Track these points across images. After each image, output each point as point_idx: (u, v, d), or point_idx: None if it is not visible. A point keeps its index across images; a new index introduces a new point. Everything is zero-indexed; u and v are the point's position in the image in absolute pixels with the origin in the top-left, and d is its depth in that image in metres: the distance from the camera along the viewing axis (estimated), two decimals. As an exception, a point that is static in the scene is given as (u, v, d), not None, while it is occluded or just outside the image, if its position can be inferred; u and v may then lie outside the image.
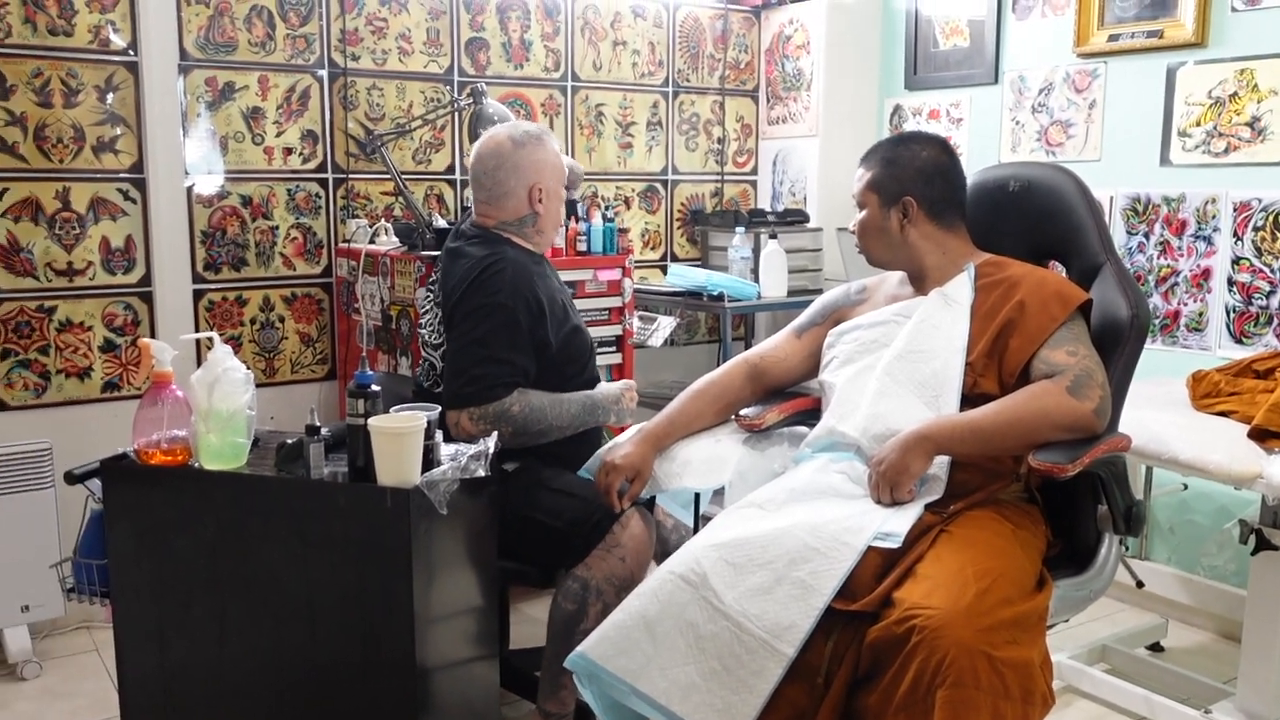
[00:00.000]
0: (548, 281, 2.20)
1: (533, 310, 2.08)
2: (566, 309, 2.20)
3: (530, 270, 2.15)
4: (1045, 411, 1.82)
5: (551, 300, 2.15)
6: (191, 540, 1.82)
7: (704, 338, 4.36)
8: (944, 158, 2.03)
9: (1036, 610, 1.68)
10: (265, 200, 3.41)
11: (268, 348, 3.46)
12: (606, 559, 2.03)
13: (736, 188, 4.38)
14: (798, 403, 2.17)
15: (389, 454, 1.68)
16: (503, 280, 2.13)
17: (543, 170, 2.21)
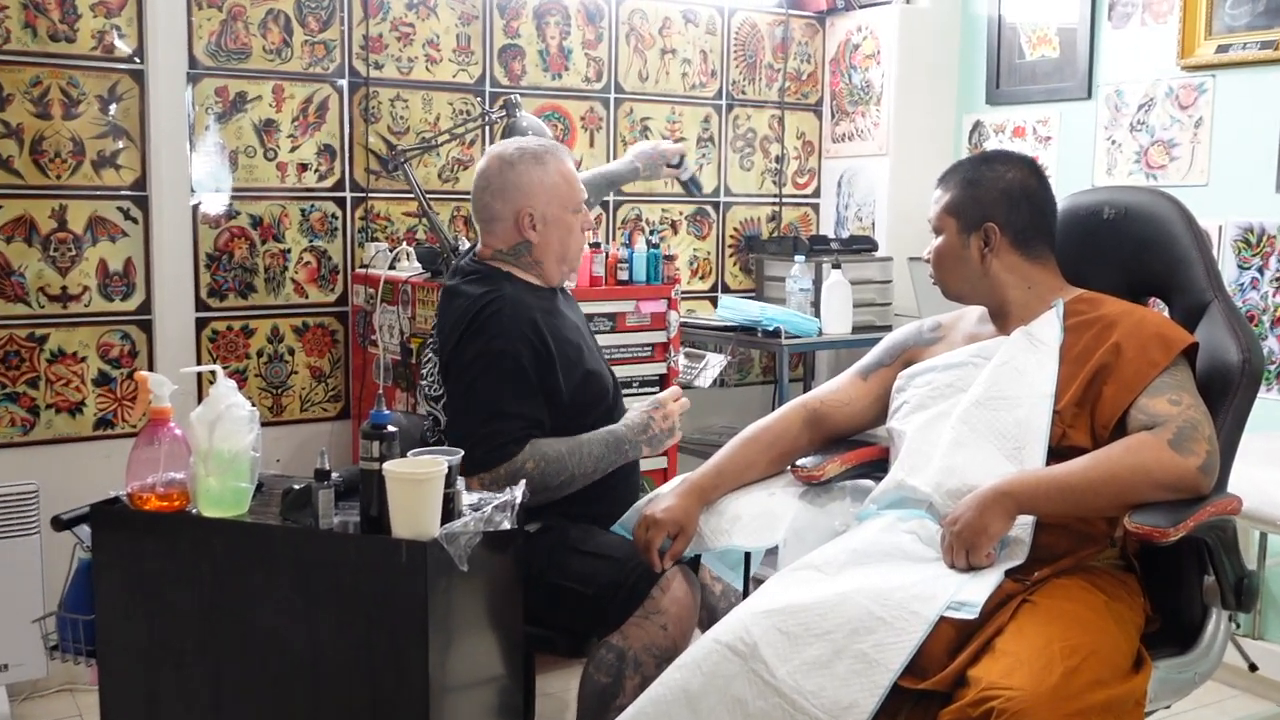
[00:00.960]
0: (556, 320, 2.18)
1: (539, 353, 2.06)
2: (582, 349, 2.19)
3: (532, 308, 2.14)
4: (1144, 467, 1.80)
5: (561, 341, 2.14)
6: (187, 595, 1.83)
7: (757, 378, 4.36)
8: (1032, 180, 2.03)
9: (1133, 694, 1.66)
10: (277, 221, 3.46)
11: (275, 383, 3.50)
12: (645, 626, 2.00)
13: (796, 211, 4.39)
14: (862, 453, 2.16)
15: (405, 503, 1.69)
16: (500, 322, 2.12)
17: (533, 193, 2.20)
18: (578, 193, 2.22)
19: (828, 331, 3.71)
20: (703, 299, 4.20)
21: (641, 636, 2.00)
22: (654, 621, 2.01)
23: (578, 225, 2.23)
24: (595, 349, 2.29)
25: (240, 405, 1.81)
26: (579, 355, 2.17)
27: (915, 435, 2.01)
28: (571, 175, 2.22)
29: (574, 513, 2.16)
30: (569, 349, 2.16)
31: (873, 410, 2.17)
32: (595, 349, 2.29)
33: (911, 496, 1.96)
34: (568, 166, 2.22)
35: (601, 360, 2.27)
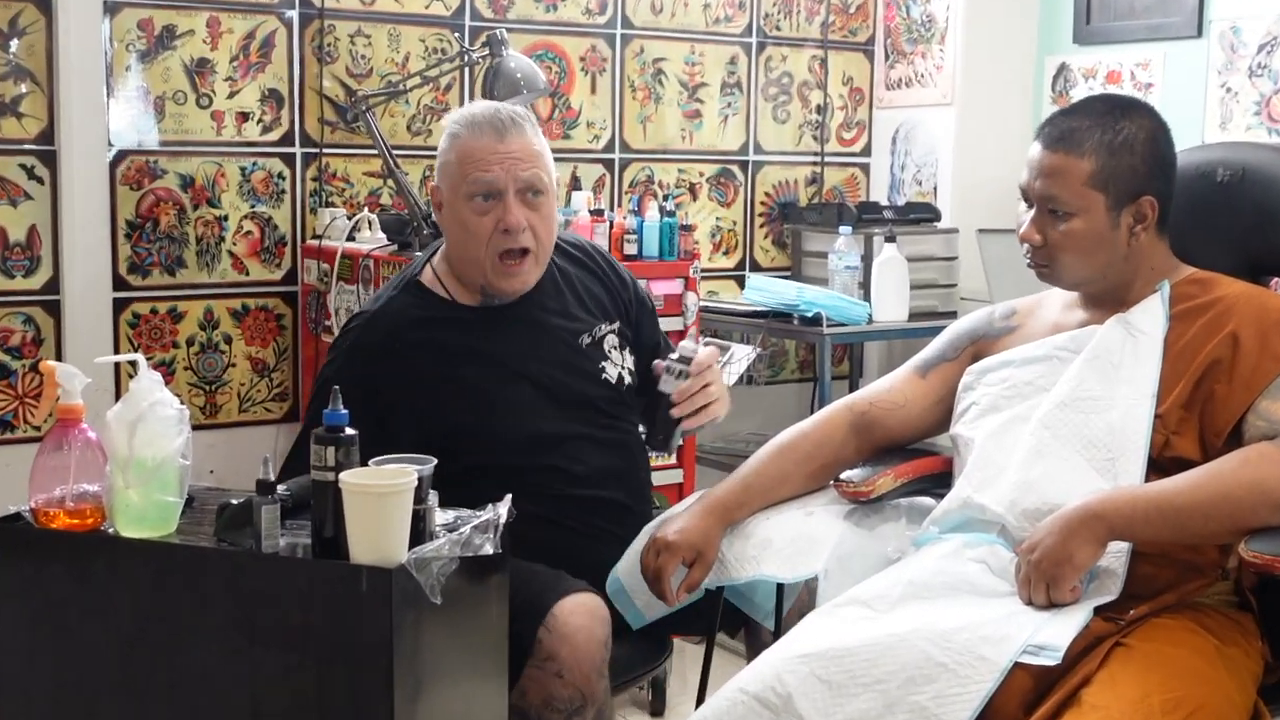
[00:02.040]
0: (430, 353, 2.16)
1: (364, 396, 1.95)
2: (460, 390, 2.17)
3: (389, 332, 2.16)
4: (1263, 485, 1.79)
5: (414, 382, 2.13)
6: (102, 629, 1.82)
7: (793, 375, 4.36)
8: (1166, 134, 2.02)
9: (1248, 758, 1.66)
10: (211, 182, 3.47)
11: (209, 377, 3.51)
12: (539, 678, 1.99)
13: (841, 173, 4.39)
14: (920, 464, 2.16)
15: (367, 521, 1.68)
16: (340, 344, 2.21)
17: (438, 170, 2.25)
18: (472, 173, 2.15)
19: (879, 319, 3.70)
20: (727, 278, 4.20)
21: (539, 691, 2.00)
22: (547, 670, 2.00)
23: (474, 219, 2.16)
24: (510, 390, 2.21)
25: (167, 403, 1.81)
26: (449, 397, 2.14)
27: (986, 443, 2.01)
28: (472, 152, 2.16)
29: (537, 551, 2.15)
30: (427, 392, 2.13)
31: (933, 413, 2.17)
32: (510, 390, 2.21)
33: (980, 517, 1.95)
34: (481, 142, 2.15)
35: (501, 399, 2.19)
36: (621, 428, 2.30)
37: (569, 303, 2.30)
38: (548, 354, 2.24)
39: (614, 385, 2.29)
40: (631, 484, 2.29)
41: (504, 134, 2.17)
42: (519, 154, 2.17)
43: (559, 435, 2.21)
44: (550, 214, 2.22)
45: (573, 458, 2.21)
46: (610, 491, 2.24)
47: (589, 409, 2.25)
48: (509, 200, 2.16)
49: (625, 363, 2.33)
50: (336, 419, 1.75)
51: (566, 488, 2.20)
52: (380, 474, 1.73)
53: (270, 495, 1.77)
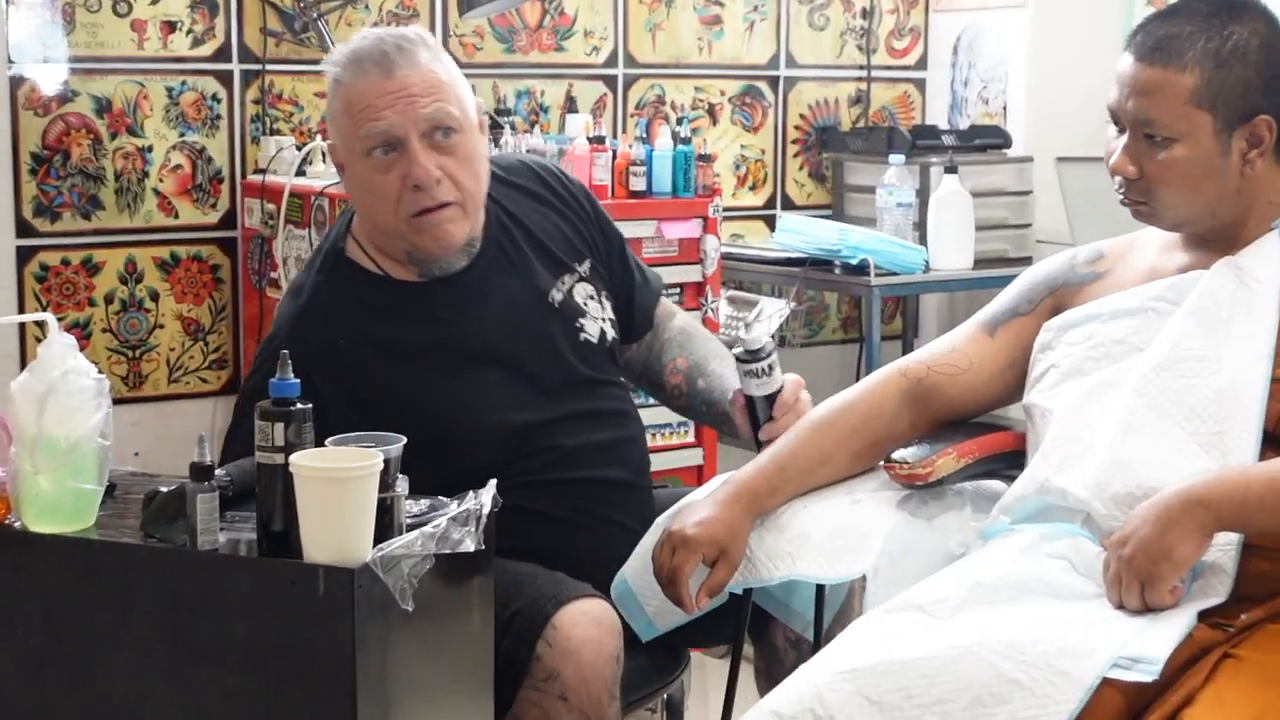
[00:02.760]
0: (376, 348, 2.16)
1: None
2: (417, 388, 2.15)
3: (325, 327, 2.15)
4: (1403, 464, 1.79)
5: (361, 386, 2.13)
6: (6, 644, 1.82)
7: (835, 335, 4.36)
8: None
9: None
10: (132, 106, 3.46)
11: (132, 341, 3.51)
12: (539, 701, 1.99)
13: (892, 91, 4.37)
14: (988, 441, 2.16)
15: (323, 512, 1.68)
16: (266, 348, 2.20)
17: (331, 123, 2.23)
18: (363, 123, 2.12)
19: (938, 266, 3.70)
20: (754, 218, 4.19)
21: (538, 717, 2.01)
22: (548, 692, 2.00)
23: (377, 179, 2.13)
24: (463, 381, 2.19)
25: (82, 372, 1.80)
26: (402, 405, 2.12)
27: (1067, 415, 2.00)
28: (359, 97, 2.12)
29: (530, 549, 2.16)
30: (371, 406, 2.13)
31: (1003, 379, 2.17)
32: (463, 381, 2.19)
33: (1060, 505, 1.94)
34: (366, 83, 2.11)
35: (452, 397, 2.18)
36: (611, 393, 2.31)
37: (525, 253, 2.27)
38: (514, 325, 2.23)
39: (595, 345, 2.29)
40: (630, 457, 2.30)
41: (391, 68, 2.11)
42: (415, 88, 2.11)
43: (540, 422, 2.20)
44: (471, 153, 2.16)
45: (556, 435, 2.22)
46: (605, 469, 2.25)
47: (572, 383, 2.25)
48: (412, 148, 2.11)
49: (605, 313, 2.32)
50: (285, 389, 1.75)
51: (553, 470, 2.20)
52: (339, 455, 1.73)
53: (207, 481, 1.76)
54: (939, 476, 2.11)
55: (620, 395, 2.32)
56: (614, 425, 2.28)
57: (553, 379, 2.23)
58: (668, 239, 3.40)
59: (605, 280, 2.34)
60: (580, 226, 2.33)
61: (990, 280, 3.63)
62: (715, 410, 2.34)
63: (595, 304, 2.30)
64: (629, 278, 2.40)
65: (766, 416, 2.20)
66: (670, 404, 2.45)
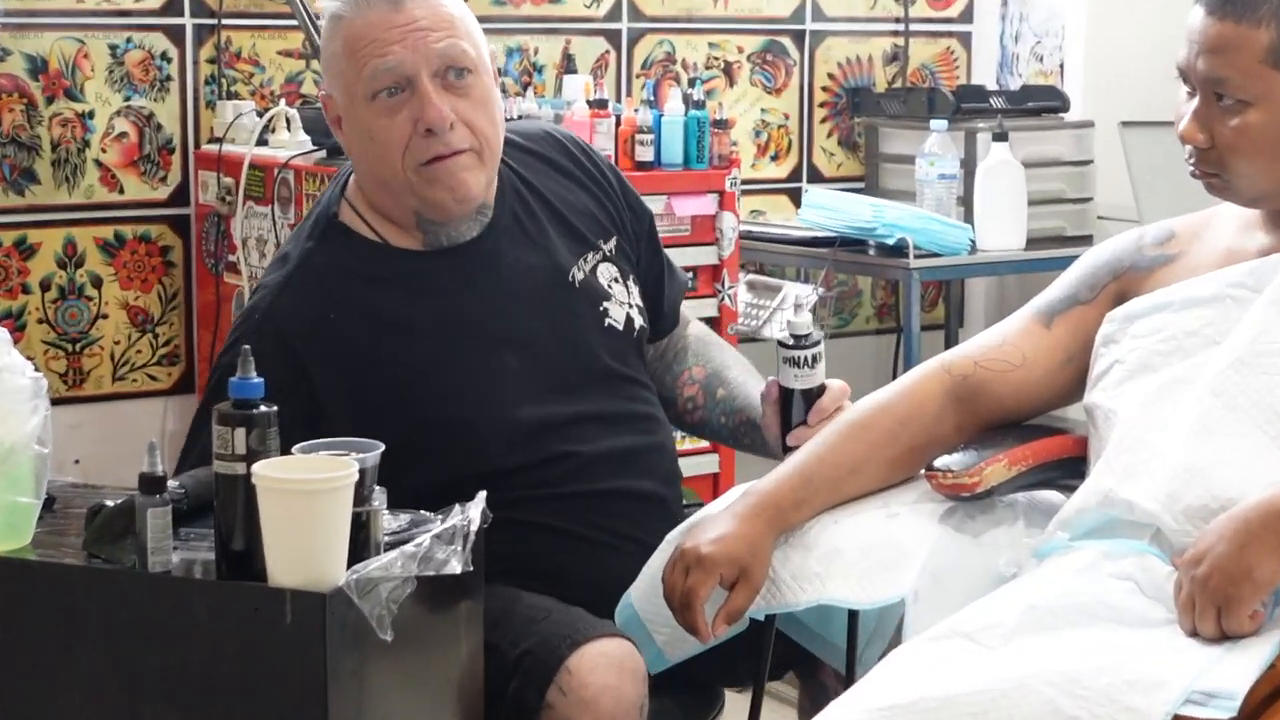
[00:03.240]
0: (371, 325, 2.16)
1: (286, 391, 1.91)
2: (416, 373, 2.16)
3: (315, 299, 2.15)
4: None
5: (353, 368, 2.13)
6: (-68, 679, 1.83)
7: (869, 324, 4.36)
8: None
9: None
10: (71, 66, 3.45)
11: (72, 334, 3.51)
12: None
13: (932, 47, 4.36)
14: (1044, 446, 2.15)
15: (291, 529, 1.68)
16: (244, 320, 2.20)
17: (326, 71, 2.23)
18: (368, 61, 2.13)
19: (986, 246, 3.69)
20: (777, 192, 4.19)
21: None
22: None
23: (382, 124, 2.13)
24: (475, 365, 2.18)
25: (16, 370, 1.80)
26: (405, 386, 2.12)
27: (1134, 417, 1.99)
28: (363, 33, 2.13)
29: (531, 572, 2.16)
30: (374, 375, 2.12)
31: (1061, 376, 2.16)
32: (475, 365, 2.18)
33: (1126, 518, 1.94)
34: (372, 16, 2.12)
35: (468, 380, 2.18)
36: (639, 394, 2.29)
37: (544, 226, 2.27)
38: (530, 303, 2.22)
39: (622, 333, 2.28)
40: (658, 466, 2.30)
41: (399, 2, 2.13)
42: (427, 22, 2.13)
43: (557, 420, 2.19)
44: (486, 97, 2.17)
45: (574, 440, 2.21)
46: (630, 480, 2.24)
47: (595, 374, 2.24)
48: (423, 87, 2.11)
49: (632, 298, 2.31)
50: (247, 389, 1.74)
51: (570, 481, 2.20)
52: (308, 465, 1.73)
53: (158, 494, 1.76)
54: (988, 486, 2.10)
55: (648, 397, 2.31)
56: (641, 430, 2.27)
57: (572, 369, 2.22)
58: (679, 216, 3.40)
59: (632, 262, 2.34)
60: (606, 201, 2.34)
61: (1045, 263, 3.63)
62: (736, 420, 2.33)
63: (620, 287, 2.30)
64: (658, 263, 2.40)
65: (800, 418, 2.19)
66: (682, 421, 2.42)
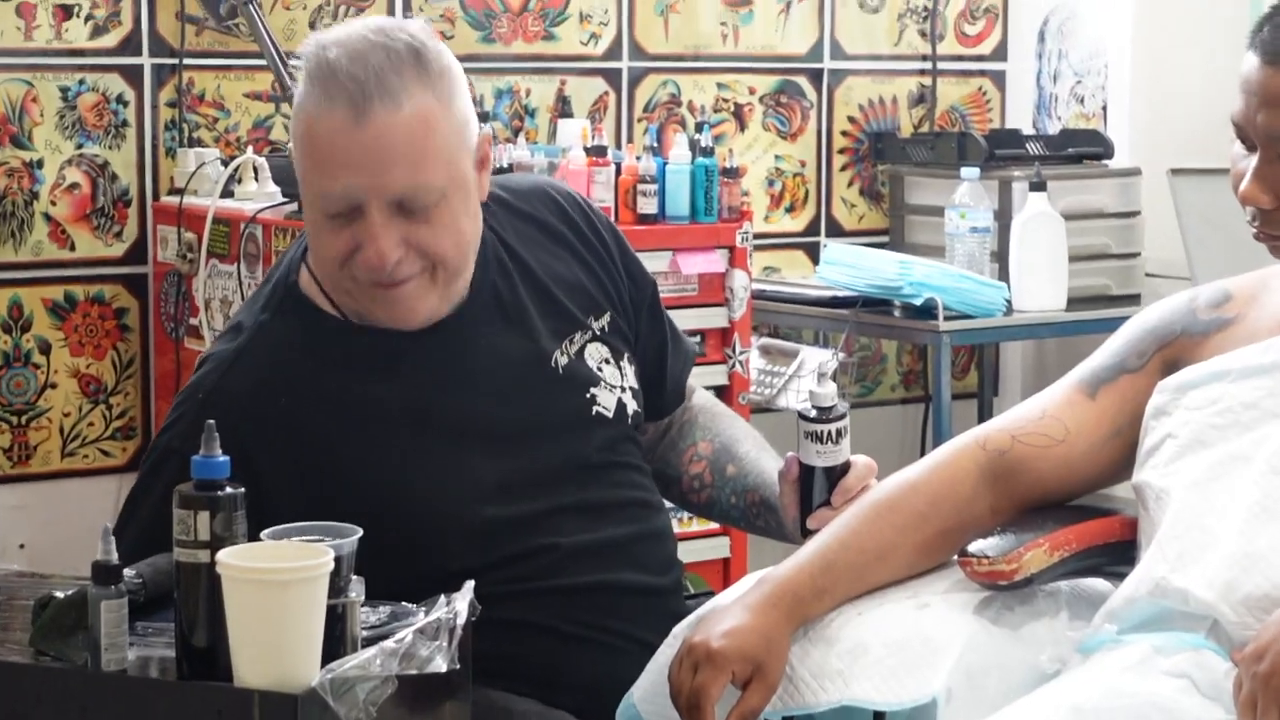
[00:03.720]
0: (327, 407, 2.15)
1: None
2: (372, 462, 2.15)
3: (267, 375, 2.14)
4: None
5: (304, 456, 2.11)
6: None
7: (895, 393, 4.36)
8: None
9: None
10: (17, 110, 3.46)
11: (17, 405, 3.50)
12: None
13: (962, 88, 4.38)
14: (1089, 529, 2.15)
15: (259, 623, 1.67)
16: (188, 397, 2.17)
17: (291, 128, 2.21)
18: (317, 180, 2.10)
19: (1023, 307, 3.70)
20: (793, 247, 4.20)
21: None
22: None
23: (325, 238, 2.11)
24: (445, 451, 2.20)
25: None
26: (363, 486, 2.11)
27: (1188, 497, 1.99)
28: (318, 140, 2.09)
29: (521, 674, 2.15)
30: (332, 459, 2.11)
31: (1107, 452, 2.16)
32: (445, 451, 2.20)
33: (1180, 609, 1.93)
34: (331, 123, 2.05)
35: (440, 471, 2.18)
36: (629, 479, 2.29)
37: (525, 304, 2.25)
38: (505, 391, 2.21)
39: (612, 420, 2.27)
40: (650, 556, 2.29)
41: (365, 110, 2.05)
42: (388, 150, 2.06)
43: (534, 514, 2.19)
44: (453, 220, 2.12)
45: (552, 532, 2.21)
46: (616, 572, 2.24)
47: (577, 466, 2.24)
48: (372, 220, 2.07)
49: (626, 379, 2.29)
50: (211, 468, 1.75)
51: (549, 575, 2.19)
52: (278, 552, 1.72)
53: (113, 585, 1.75)
54: (1027, 574, 2.09)
55: (641, 482, 2.28)
56: (630, 518, 2.25)
57: (552, 461, 2.21)
58: (685, 275, 3.40)
59: (628, 340, 2.33)
60: (601, 272, 2.32)
61: (1089, 325, 3.62)
62: (749, 500, 2.32)
63: (612, 369, 2.28)
64: (660, 337, 2.39)
65: (823, 499, 2.18)
66: (686, 501, 2.43)
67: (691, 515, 3.34)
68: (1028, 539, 2.11)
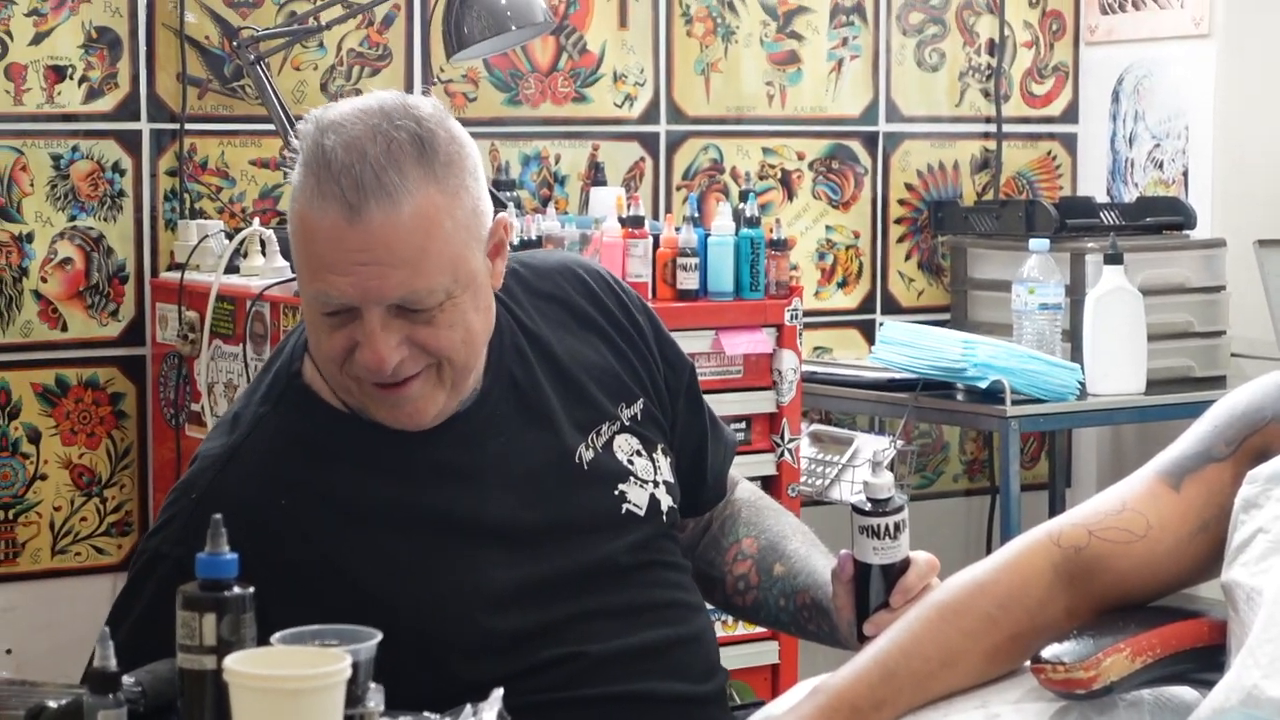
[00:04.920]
0: (329, 509, 2.15)
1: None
2: (380, 569, 2.14)
3: (266, 475, 2.15)
4: None
5: (303, 562, 2.11)
6: None
7: (959, 483, 4.35)
8: None
9: None
10: (4, 179, 3.48)
11: (4, 498, 3.50)
12: None
13: (1030, 152, 4.39)
14: (1174, 632, 2.14)
15: (267, 736, 1.69)
16: (180, 496, 2.17)
17: (288, 214, 2.17)
18: (311, 281, 2.10)
19: (1098, 390, 3.69)
20: (846, 326, 4.21)
21: None
22: None
23: (322, 335, 2.12)
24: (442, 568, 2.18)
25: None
26: (367, 597, 2.11)
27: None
28: (313, 236, 2.08)
29: None
30: (334, 581, 2.11)
31: (1193, 548, 2.15)
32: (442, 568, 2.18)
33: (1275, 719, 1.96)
34: (325, 219, 2.04)
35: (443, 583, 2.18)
36: (665, 578, 2.27)
37: (547, 394, 2.25)
38: (525, 491, 2.21)
39: (644, 519, 2.26)
40: (688, 662, 2.28)
41: (359, 209, 2.04)
42: (383, 251, 2.04)
43: (557, 621, 2.18)
44: (460, 319, 2.12)
45: (579, 639, 2.21)
46: (650, 681, 2.23)
47: (605, 571, 2.23)
48: (369, 323, 2.07)
49: (659, 473, 2.28)
50: (218, 567, 1.75)
51: (574, 685, 2.18)
52: (291, 658, 1.72)
53: (112, 694, 1.75)
54: (1107, 682, 2.08)
55: (678, 580, 2.27)
56: (667, 621, 2.24)
57: (577, 565, 2.20)
58: (729, 356, 3.39)
59: (663, 430, 2.31)
60: (633, 356, 2.32)
61: (1170, 410, 3.62)
62: (799, 603, 2.30)
63: (644, 462, 2.27)
64: (700, 426, 2.38)
65: (880, 600, 2.16)
66: (730, 604, 2.40)
67: (736, 619, 3.35)
68: (1107, 643, 2.09)
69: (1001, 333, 3.80)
